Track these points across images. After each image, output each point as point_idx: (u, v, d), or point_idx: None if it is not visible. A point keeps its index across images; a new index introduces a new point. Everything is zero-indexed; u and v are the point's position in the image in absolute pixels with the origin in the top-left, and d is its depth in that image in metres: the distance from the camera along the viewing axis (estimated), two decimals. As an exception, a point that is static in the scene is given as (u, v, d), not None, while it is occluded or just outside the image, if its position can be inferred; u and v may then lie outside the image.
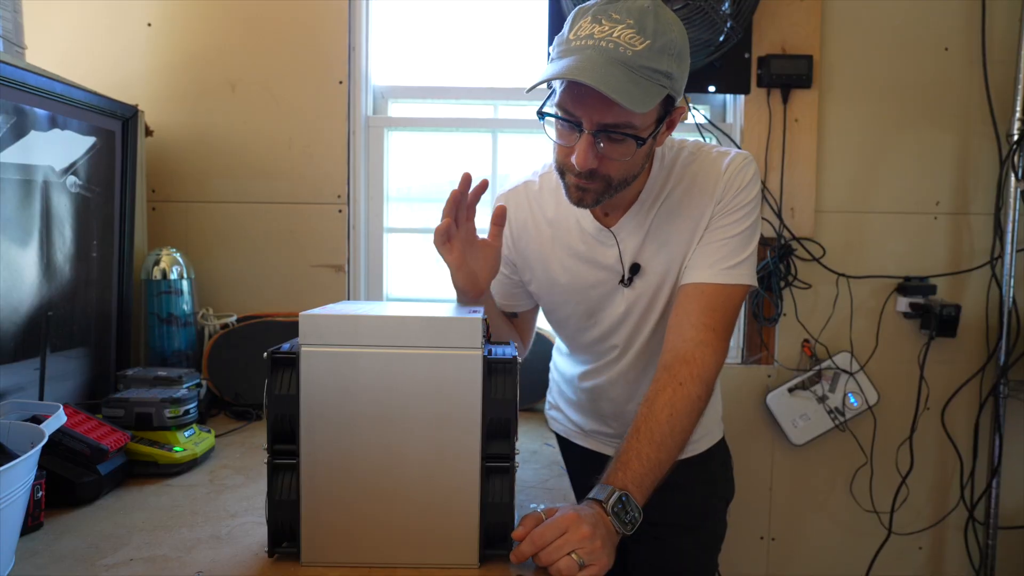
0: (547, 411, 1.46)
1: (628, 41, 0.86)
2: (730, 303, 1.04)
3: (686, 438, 0.96)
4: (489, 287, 1.11)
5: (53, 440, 1.01)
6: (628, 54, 0.86)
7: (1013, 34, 1.78)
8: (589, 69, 0.85)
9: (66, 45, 1.71)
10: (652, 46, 0.87)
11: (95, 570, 0.82)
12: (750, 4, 1.62)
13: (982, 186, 1.83)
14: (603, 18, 0.88)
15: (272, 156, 1.75)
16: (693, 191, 1.07)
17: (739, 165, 1.06)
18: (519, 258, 1.22)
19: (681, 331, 1.02)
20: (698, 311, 1.02)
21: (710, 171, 1.07)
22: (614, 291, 1.14)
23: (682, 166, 1.09)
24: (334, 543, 0.83)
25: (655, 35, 0.88)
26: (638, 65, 0.87)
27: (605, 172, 0.97)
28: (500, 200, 1.23)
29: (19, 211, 1.20)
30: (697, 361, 0.98)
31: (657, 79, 0.89)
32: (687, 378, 0.97)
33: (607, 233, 1.11)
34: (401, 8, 1.88)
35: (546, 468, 1.23)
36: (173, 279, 1.51)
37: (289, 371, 0.83)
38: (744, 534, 1.88)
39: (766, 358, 1.85)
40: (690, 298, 1.04)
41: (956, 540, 1.91)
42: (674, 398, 0.95)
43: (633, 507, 0.86)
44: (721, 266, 1.03)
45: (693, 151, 1.11)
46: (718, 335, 1.01)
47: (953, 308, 1.75)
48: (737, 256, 1.04)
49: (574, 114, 0.93)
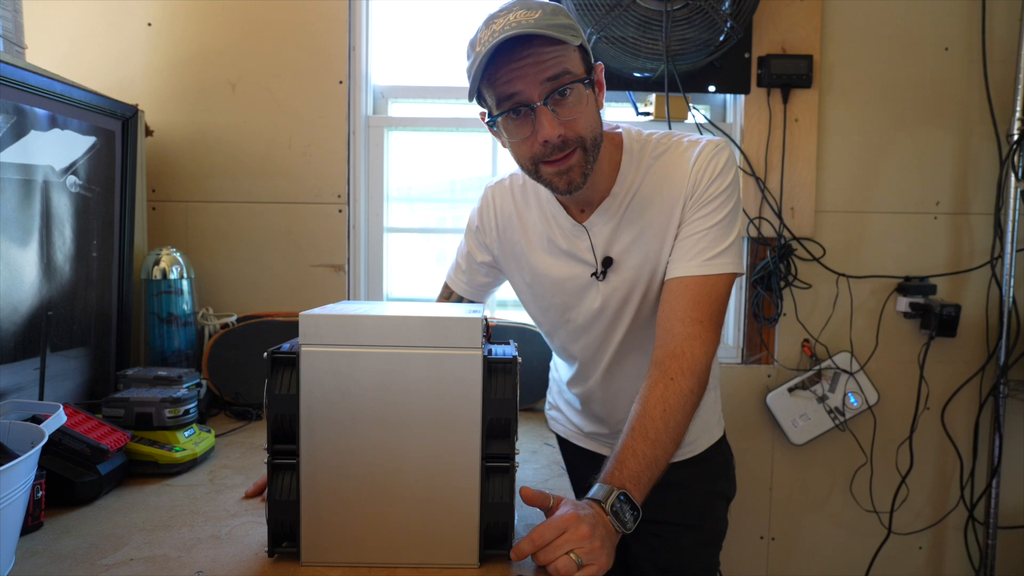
0: (547, 411, 1.47)
1: (524, 17, 0.92)
2: (715, 293, 1.03)
3: (681, 432, 0.96)
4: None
5: (53, 440, 1.01)
6: (529, 22, 0.92)
7: (1013, 34, 1.78)
8: (505, 35, 0.90)
9: (66, 45, 1.71)
10: (544, 13, 0.93)
11: (95, 570, 0.82)
12: (750, 4, 1.62)
13: (982, 186, 1.83)
14: (495, 17, 0.95)
15: (272, 156, 1.75)
16: (663, 185, 1.07)
17: (709, 155, 1.06)
18: (501, 250, 1.24)
19: (669, 327, 1.02)
20: (684, 305, 1.02)
21: (680, 163, 1.07)
22: (589, 285, 1.15)
23: (651, 158, 1.09)
24: (334, 543, 0.83)
25: (542, 7, 0.94)
26: (543, 25, 0.91)
27: (576, 134, 0.98)
28: (488, 192, 1.25)
29: (19, 211, 1.20)
30: (687, 355, 0.98)
31: (564, 31, 0.93)
32: (677, 373, 0.97)
33: (580, 228, 1.12)
34: (401, 8, 1.88)
35: (546, 468, 1.23)
36: (173, 279, 1.51)
37: (289, 371, 0.83)
38: (744, 534, 1.88)
39: (766, 358, 1.85)
40: (675, 293, 1.04)
41: (956, 540, 1.91)
42: (666, 394, 0.95)
43: (631, 505, 0.86)
44: (703, 257, 1.03)
45: (662, 141, 1.10)
46: (706, 327, 1.01)
47: (953, 308, 1.76)
48: (718, 245, 1.04)
49: (517, 92, 0.95)
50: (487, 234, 1.25)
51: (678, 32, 1.59)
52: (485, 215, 1.24)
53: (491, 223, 1.23)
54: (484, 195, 1.26)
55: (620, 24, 1.59)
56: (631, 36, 1.60)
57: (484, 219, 1.25)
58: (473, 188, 1.95)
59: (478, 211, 1.26)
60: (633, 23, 1.59)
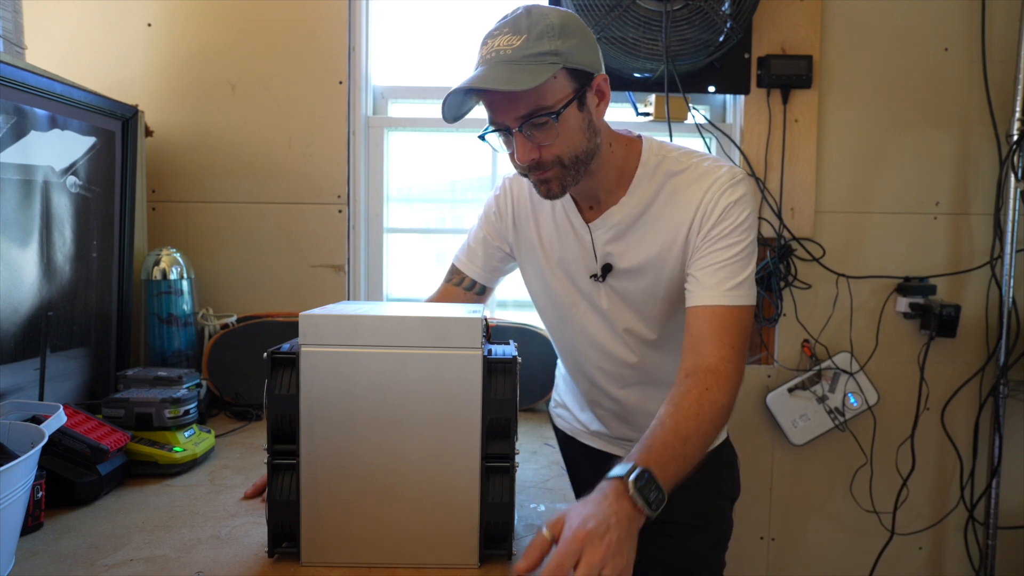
0: (552, 408, 1.47)
1: (507, 45, 0.97)
2: (740, 324, 1.03)
3: (708, 443, 0.94)
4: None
5: (53, 440, 1.01)
6: (508, 53, 0.96)
7: (1013, 34, 1.78)
8: (478, 77, 0.97)
9: (66, 45, 1.71)
10: (528, 38, 0.96)
11: (95, 570, 0.82)
12: (750, 4, 1.62)
13: (982, 186, 1.83)
14: (488, 39, 1.00)
15: (272, 156, 1.75)
16: (672, 203, 1.08)
17: (725, 184, 1.06)
18: (516, 239, 1.26)
19: (700, 348, 1.01)
20: (712, 331, 1.01)
21: (694, 188, 1.07)
22: (590, 286, 1.17)
23: (667, 174, 1.09)
24: (334, 543, 0.83)
25: (529, 29, 0.97)
26: (519, 57, 0.96)
27: (551, 156, 1.01)
28: (506, 181, 1.28)
29: (19, 211, 1.20)
30: (723, 372, 0.97)
31: (542, 60, 0.95)
32: (714, 384, 0.96)
33: (586, 228, 1.14)
34: (401, 8, 1.88)
35: (546, 468, 1.23)
36: (173, 279, 1.51)
37: (289, 371, 0.83)
38: (744, 534, 1.87)
39: (766, 358, 1.85)
40: (703, 320, 1.03)
41: (956, 540, 1.91)
42: (702, 399, 0.93)
43: (657, 486, 0.80)
44: (725, 287, 1.03)
45: (681, 160, 1.10)
46: (737, 353, 1.01)
47: (953, 308, 1.75)
48: (740, 276, 1.04)
49: (498, 121, 1.02)
50: (503, 221, 1.27)
51: (678, 32, 1.59)
52: (502, 203, 1.27)
53: (507, 211, 1.26)
54: (502, 184, 1.28)
55: (620, 24, 1.59)
56: (631, 36, 1.60)
57: (501, 207, 1.27)
58: (473, 188, 1.95)
59: (495, 199, 1.28)
60: (633, 23, 1.59)
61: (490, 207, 1.29)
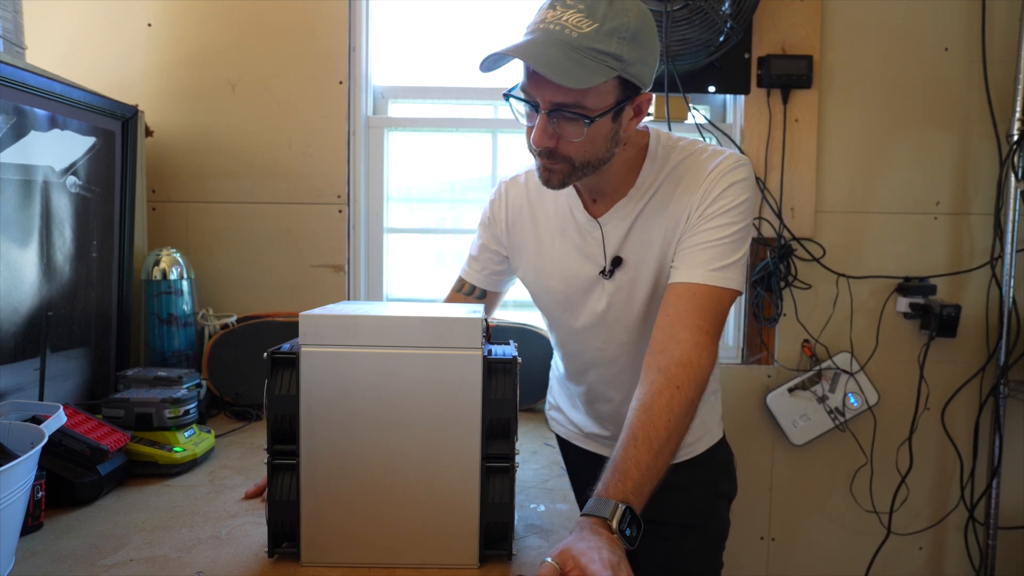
0: (547, 411, 1.47)
1: (575, 24, 0.90)
2: (720, 307, 1.02)
3: (680, 442, 0.94)
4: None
5: (53, 440, 1.01)
6: (573, 35, 0.89)
7: (1013, 34, 1.78)
8: (530, 48, 0.90)
9: (66, 45, 1.71)
10: (600, 28, 0.90)
11: (95, 570, 0.82)
12: (750, 4, 1.62)
13: (982, 186, 1.83)
14: (558, 4, 0.92)
15: (272, 156, 1.75)
16: (678, 190, 1.07)
17: (728, 167, 1.05)
18: (510, 243, 1.26)
19: (674, 332, 0.99)
20: (690, 312, 1.00)
21: (697, 171, 1.07)
22: (596, 282, 1.15)
23: (673, 164, 1.09)
24: (334, 543, 0.83)
25: (604, 19, 0.90)
26: (582, 46, 0.89)
27: (565, 153, 0.99)
28: (502, 186, 1.28)
29: (19, 211, 1.20)
30: (694, 364, 0.96)
31: (603, 60, 0.91)
32: (685, 382, 0.95)
33: (594, 223, 1.13)
34: (401, 8, 1.88)
35: (546, 468, 1.23)
36: (173, 279, 1.51)
37: (289, 371, 0.83)
38: (744, 534, 1.88)
39: (766, 358, 1.85)
40: (682, 298, 1.02)
41: (956, 540, 1.91)
42: (672, 403, 0.93)
43: (636, 520, 0.83)
44: (710, 267, 1.02)
45: (687, 149, 1.10)
46: (711, 338, 1.00)
47: (953, 308, 1.75)
48: (727, 259, 1.03)
49: (531, 94, 0.96)
50: (497, 225, 1.27)
51: (678, 32, 1.59)
52: (496, 207, 1.27)
53: (501, 215, 1.26)
54: (498, 188, 1.28)
55: (620, 24, 1.59)
56: (631, 36, 1.60)
57: (495, 211, 1.28)
58: (473, 188, 1.95)
59: (490, 204, 1.29)
60: (633, 23, 1.58)
61: (485, 213, 1.30)
